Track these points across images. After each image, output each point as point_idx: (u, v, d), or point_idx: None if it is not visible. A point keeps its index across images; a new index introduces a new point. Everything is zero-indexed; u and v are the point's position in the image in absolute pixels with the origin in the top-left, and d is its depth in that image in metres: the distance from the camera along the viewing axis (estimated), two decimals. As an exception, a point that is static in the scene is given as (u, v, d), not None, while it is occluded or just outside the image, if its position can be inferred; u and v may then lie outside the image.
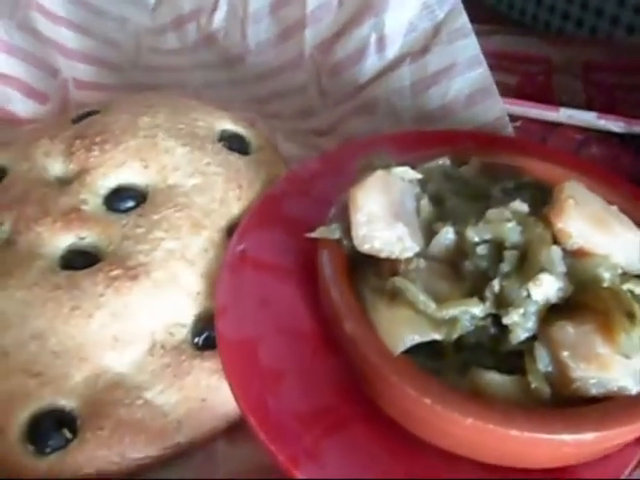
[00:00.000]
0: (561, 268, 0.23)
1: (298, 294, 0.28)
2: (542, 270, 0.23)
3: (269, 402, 0.24)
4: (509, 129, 0.37)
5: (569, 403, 0.22)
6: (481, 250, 0.24)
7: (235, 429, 0.26)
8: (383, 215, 0.25)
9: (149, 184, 0.31)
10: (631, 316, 0.21)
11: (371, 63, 0.40)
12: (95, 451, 0.24)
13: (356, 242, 0.25)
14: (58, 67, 0.41)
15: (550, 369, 0.22)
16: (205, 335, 0.27)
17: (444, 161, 0.29)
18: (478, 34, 0.39)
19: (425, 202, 0.27)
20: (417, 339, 0.22)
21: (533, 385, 0.22)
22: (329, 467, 0.22)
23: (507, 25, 0.51)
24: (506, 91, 0.43)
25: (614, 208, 0.25)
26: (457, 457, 0.23)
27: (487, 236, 0.24)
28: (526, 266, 0.23)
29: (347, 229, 0.26)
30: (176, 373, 0.26)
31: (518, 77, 0.46)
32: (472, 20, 0.39)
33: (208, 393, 0.26)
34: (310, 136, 0.40)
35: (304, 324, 0.27)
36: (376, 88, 0.40)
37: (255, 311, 0.27)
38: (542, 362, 0.22)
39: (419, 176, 0.27)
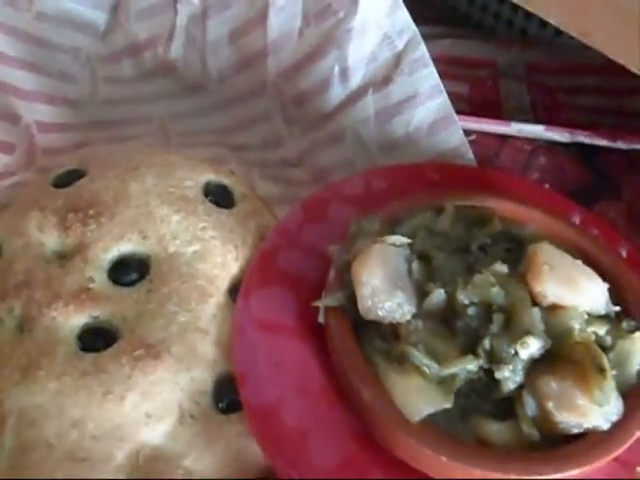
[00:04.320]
0: (541, 327, 0.27)
1: (306, 350, 0.31)
2: (526, 332, 0.27)
3: (299, 460, 0.28)
4: (470, 156, 0.40)
5: (554, 439, 0.26)
6: (471, 311, 0.28)
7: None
8: (383, 286, 0.28)
9: (150, 254, 0.32)
10: (602, 371, 0.26)
11: (336, 93, 0.42)
12: (150, 525, 0.27)
13: (362, 312, 0.28)
14: (19, 112, 0.41)
15: (537, 414, 0.26)
16: (227, 399, 0.30)
17: (425, 215, 0.32)
18: (426, 38, 0.41)
19: (415, 264, 0.30)
20: (431, 409, 0.26)
21: (524, 430, 0.26)
22: (362, 516, 0.26)
23: (452, 25, 0.53)
24: (459, 101, 0.46)
25: (579, 262, 0.29)
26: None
27: (476, 299, 0.28)
28: (512, 327, 0.27)
29: (351, 297, 0.29)
30: (207, 440, 0.29)
31: (469, 85, 0.49)
32: (419, 20, 0.40)
33: (239, 454, 0.29)
34: (281, 167, 0.42)
35: (317, 381, 0.30)
36: (342, 118, 0.42)
37: (272, 374, 0.30)
38: (530, 409, 0.26)
39: (409, 241, 0.30)
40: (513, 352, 0.27)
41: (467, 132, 0.42)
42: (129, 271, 0.32)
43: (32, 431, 0.27)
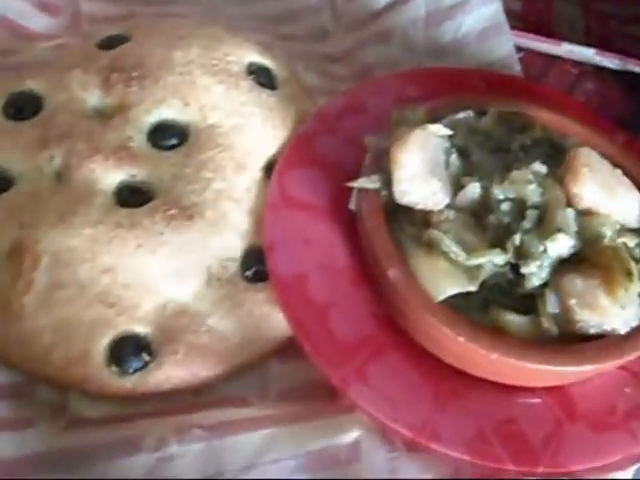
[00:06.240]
0: (573, 228, 0.27)
1: (334, 232, 0.31)
2: (558, 230, 0.27)
3: (320, 331, 0.28)
4: (517, 67, 0.39)
5: (572, 339, 0.27)
6: (504, 207, 0.28)
7: (284, 350, 0.30)
8: (421, 172, 0.28)
9: (190, 122, 0.32)
10: (629, 274, 0.26)
11: (387, -10, 0.40)
12: (171, 371, 0.28)
13: (396, 195, 0.28)
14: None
15: (558, 312, 0.27)
16: (254, 269, 0.30)
17: (468, 114, 0.32)
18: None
19: (454, 157, 0.30)
20: (456, 290, 0.26)
21: (544, 325, 0.27)
22: (374, 388, 0.27)
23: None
24: (511, 17, 0.45)
25: (618, 172, 0.29)
26: (477, 379, 0.28)
27: (511, 195, 0.28)
28: (544, 224, 0.27)
29: (386, 181, 0.29)
30: (232, 303, 0.29)
31: (522, 2, 0.47)
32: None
33: (261, 320, 0.30)
34: (324, 61, 0.42)
35: (342, 261, 0.31)
36: (391, 17, 0.41)
37: (299, 249, 0.31)
38: (552, 306, 0.27)
39: (450, 132, 0.30)
40: (542, 248, 0.27)
41: (516, 49, 0.41)
42: (168, 136, 0.32)
43: (65, 271, 0.28)
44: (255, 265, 0.30)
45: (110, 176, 0.30)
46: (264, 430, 0.27)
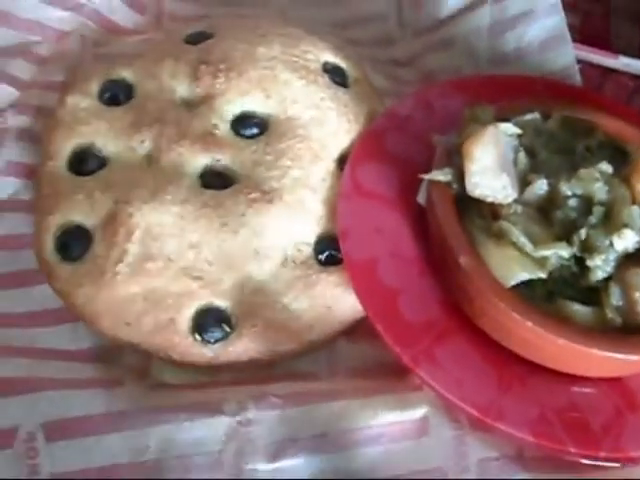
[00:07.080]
0: (639, 224, 0.29)
1: (402, 223, 0.33)
2: (625, 225, 0.28)
3: (390, 313, 0.30)
4: (577, 77, 0.41)
5: (635, 331, 0.28)
6: (572, 202, 0.30)
7: (353, 331, 0.32)
8: (492, 166, 0.30)
9: (271, 114, 0.34)
10: (693, 269, 0.27)
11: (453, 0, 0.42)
12: (250, 343, 0.30)
13: (469, 187, 0.30)
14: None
15: (621, 304, 0.28)
16: (327, 253, 0.32)
17: (535, 116, 0.34)
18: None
19: (522, 155, 0.31)
20: (526, 276, 0.28)
21: (608, 316, 0.28)
22: (441, 368, 0.29)
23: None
24: (570, 32, 0.47)
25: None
26: (538, 367, 0.29)
27: (578, 191, 0.30)
28: (610, 220, 0.29)
29: (457, 175, 0.31)
30: (306, 284, 0.31)
31: (580, 17, 0.49)
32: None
33: (332, 302, 0.31)
34: (391, 66, 0.44)
35: (411, 249, 0.32)
36: (455, 25, 0.42)
37: (371, 236, 0.32)
38: (615, 298, 0.28)
39: (520, 132, 0.32)
40: (608, 243, 0.28)
41: (574, 61, 0.43)
42: (250, 125, 0.34)
43: (155, 244, 0.30)
44: (328, 250, 0.32)
45: (196, 160, 0.33)
46: (336, 402, 0.28)
